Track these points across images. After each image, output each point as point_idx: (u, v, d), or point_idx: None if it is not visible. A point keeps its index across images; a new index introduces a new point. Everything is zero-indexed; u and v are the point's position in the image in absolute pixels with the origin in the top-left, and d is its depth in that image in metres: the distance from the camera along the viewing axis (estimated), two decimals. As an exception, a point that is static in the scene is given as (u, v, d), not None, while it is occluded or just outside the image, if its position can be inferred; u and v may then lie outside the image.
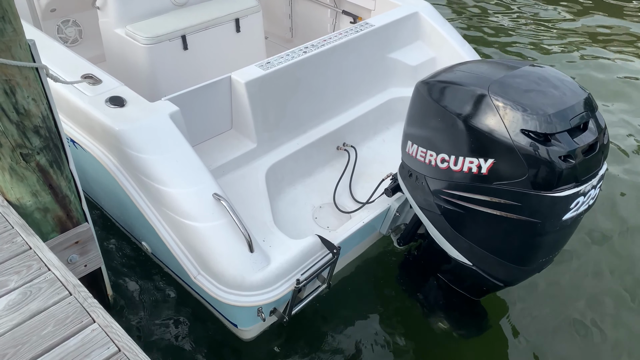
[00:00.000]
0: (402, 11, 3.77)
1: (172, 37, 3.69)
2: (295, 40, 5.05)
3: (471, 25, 6.74)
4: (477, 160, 2.25)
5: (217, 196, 2.49)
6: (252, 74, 3.03)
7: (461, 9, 7.19)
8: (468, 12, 7.13)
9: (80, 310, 1.80)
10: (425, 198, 2.61)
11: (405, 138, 2.72)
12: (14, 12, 1.96)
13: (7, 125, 2.07)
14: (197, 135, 3.11)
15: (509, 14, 7.11)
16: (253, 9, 4.07)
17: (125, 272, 3.30)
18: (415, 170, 2.64)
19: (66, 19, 4.53)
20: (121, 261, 3.38)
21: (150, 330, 3.00)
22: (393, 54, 3.76)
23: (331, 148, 3.48)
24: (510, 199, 2.22)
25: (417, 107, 2.58)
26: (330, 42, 3.36)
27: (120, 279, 3.26)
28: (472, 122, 2.23)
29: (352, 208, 3.19)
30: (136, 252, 3.40)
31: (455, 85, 2.33)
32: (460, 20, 6.86)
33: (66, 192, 2.41)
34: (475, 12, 7.14)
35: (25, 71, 2.04)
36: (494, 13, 7.12)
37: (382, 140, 3.74)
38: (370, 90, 3.71)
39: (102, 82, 2.87)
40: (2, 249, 2.05)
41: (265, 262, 2.49)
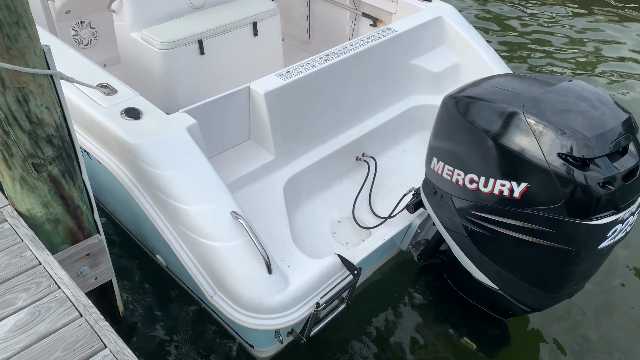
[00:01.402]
0: (426, 15, 3.65)
1: (189, 42, 3.60)
2: (313, 42, 4.94)
3: (498, 30, 6.54)
4: (509, 183, 2.13)
5: (235, 214, 2.39)
6: (271, 84, 2.93)
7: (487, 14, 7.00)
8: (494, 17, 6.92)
9: (91, 334, 1.71)
10: (451, 218, 2.50)
11: (430, 153, 2.60)
12: (29, 17, 1.87)
13: (18, 134, 1.99)
14: (214, 147, 3.02)
15: (540, 21, 6.82)
16: (271, 12, 3.96)
17: (137, 285, 3.22)
18: (440, 188, 2.53)
19: (81, 21, 4.46)
20: (133, 274, 3.29)
21: (161, 345, 2.91)
22: (415, 60, 3.64)
23: (350, 159, 3.37)
24: (544, 225, 2.10)
25: (444, 122, 2.47)
26: (352, 49, 3.25)
27: (132, 292, 3.17)
28: (505, 142, 2.11)
29: (371, 223, 3.08)
30: (149, 265, 3.31)
31: (486, 102, 2.21)
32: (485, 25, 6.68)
33: (78, 203, 2.32)
34: (503, 17, 6.91)
35: (39, 78, 1.95)
36: (524, 19, 6.86)
37: (403, 150, 3.62)
38: (390, 98, 3.59)
39: (117, 92, 2.78)
40: (11, 264, 1.97)
41: (283, 284, 2.39)
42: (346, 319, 3.06)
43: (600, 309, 3.20)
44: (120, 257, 3.37)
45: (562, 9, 7.15)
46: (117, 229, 3.56)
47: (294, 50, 4.89)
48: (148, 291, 3.18)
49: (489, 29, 6.56)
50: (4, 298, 1.83)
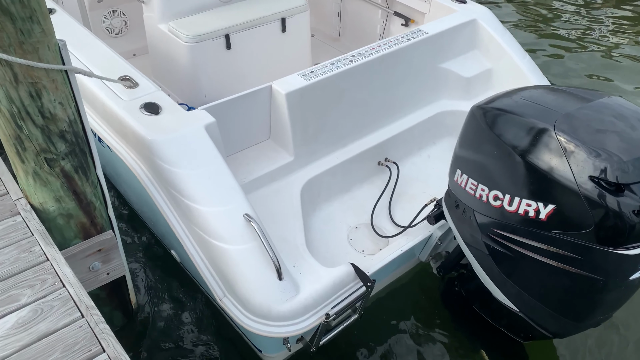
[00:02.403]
0: (459, 17, 3.50)
1: (215, 36, 3.55)
2: (343, 39, 4.84)
3: (536, 37, 6.26)
4: (535, 204, 2.01)
5: (248, 217, 2.34)
6: (293, 84, 2.85)
7: (526, 19, 6.73)
8: (534, 23, 6.63)
9: (91, 337, 1.68)
10: (473, 234, 2.38)
11: (454, 163, 2.48)
12: (44, 12, 1.84)
13: (31, 129, 1.97)
14: (233, 145, 2.97)
15: (583, 30, 6.46)
16: (300, 8, 3.88)
17: (153, 280, 3.21)
18: (463, 202, 2.41)
19: (113, 10, 4.47)
20: (149, 268, 3.28)
21: (172, 342, 2.89)
22: (445, 63, 3.50)
23: (372, 163, 3.28)
24: (570, 251, 1.97)
25: (470, 132, 2.35)
26: (379, 50, 3.14)
27: (146, 286, 3.17)
28: (533, 159, 1.98)
29: (390, 232, 2.99)
30: (166, 261, 3.30)
31: (515, 116, 2.08)
32: (523, 31, 6.41)
33: (91, 199, 2.31)
34: (543, 24, 6.60)
35: (52, 74, 1.93)
36: (566, 27, 6.52)
37: (428, 157, 3.50)
38: (417, 102, 3.47)
39: (138, 86, 2.75)
40: (20, 259, 1.96)
41: (294, 291, 2.33)
42: (358, 329, 2.98)
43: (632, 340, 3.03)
44: (137, 250, 3.38)
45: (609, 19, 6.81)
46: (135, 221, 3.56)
47: (323, 48, 4.80)
48: (163, 286, 3.17)
49: (526, 35, 6.29)
50: (10, 293, 1.82)
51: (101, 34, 4.52)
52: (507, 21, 6.56)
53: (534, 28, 6.45)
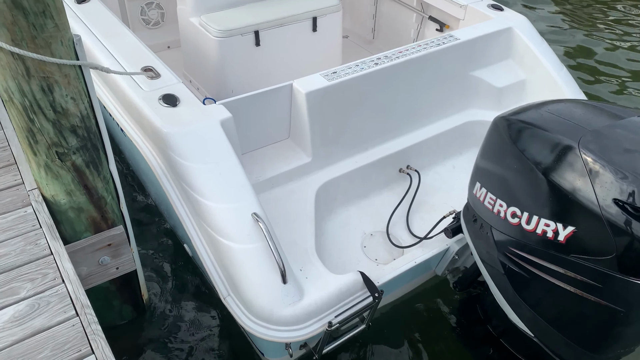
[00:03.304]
0: (494, 25, 3.35)
1: (245, 32, 3.53)
2: (377, 42, 4.75)
3: (575, 50, 5.98)
4: (554, 224, 1.88)
5: (256, 217, 2.29)
6: (314, 84, 2.79)
7: (566, 30, 6.45)
8: (574, 34, 6.35)
9: (82, 337, 1.67)
10: (489, 251, 2.27)
11: (474, 176, 2.37)
12: (58, 7, 1.84)
13: (43, 123, 1.98)
14: (251, 142, 2.94)
15: (627, 46, 6.11)
16: (333, 8, 3.81)
17: (166, 275, 3.22)
18: (480, 217, 2.30)
19: (150, 2, 4.53)
20: (164, 262, 3.29)
21: (178, 338, 2.89)
22: (477, 71, 3.37)
23: (393, 170, 3.18)
24: (590, 278, 1.84)
25: (492, 144, 2.23)
26: (407, 54, 3.04)
27: (159, 281, 3.18)
28: (555, 178, 1.86)
29: (405, 242, 2.89)
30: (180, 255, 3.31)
31: (540, 130, 1.96)
32: (562, 42, 6.13)
33: (102, 194, 2.32)
34: (584, 36, 6.30)
35: (65, 69, 1.93)
36: (609, 40, 6.20)
37: (452, 167, 3.37)
38: (445, 110, 3.35)
39: (160, 77, 2.75)
40: (25, 251, 1.98)
41: (297, 296, 2.27)
42: (365, 340, 2.89)
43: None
44: (153, 243, 3.39)
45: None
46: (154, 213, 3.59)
47: (355, 49, 4.72)
48: (175, 281, 3.18)
49: (565, 47, 6.00)
50: (11, 285, 1.84)
51: (138, 25, 4.58)
52: (552, 28, 6.31)
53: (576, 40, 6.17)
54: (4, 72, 1.87)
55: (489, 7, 3.57)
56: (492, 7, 3.56)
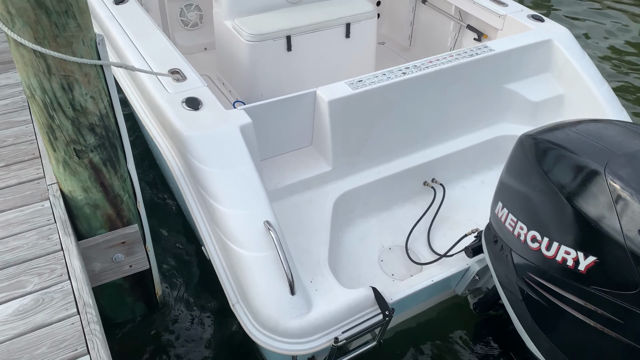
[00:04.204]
0: (533, 36, 3.22)
1: (277, 37, 3.52)
2: (413, 49, 4.66)
3: (619, 64, 5.70)
4: (574, 253, 1.77)
5: (268, 225, 2.26)
6: (338, 92, 2.75)
7: (612, 44, 6.15)
8: (619, 48, 6.06)
9: (79, 336, 1.68)
10: (508, 275, 2.16)
11: (497, 195, 2.27)
12: (81, 7, 1.87)
13: (62, 120, 2.02)
14: (272, 147, 2.91)
15: None
16: (367, 14, 3.75)
17: (182, 275, 3.23)
18: (501, 239, 2.20)
19: (189, 3, 4.59)
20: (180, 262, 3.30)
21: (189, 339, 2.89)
22: (512, 84, 3.23)
23: (417, 182, 3.09)
24: (611, 312, 1.71)
25: (516, 162, 2.13)
26: (437, 64, 2.95)
27: (174, 281, 3.20)
28: (579, 204, 1.74)
29: (425, 258, 2.80)
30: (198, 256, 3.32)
31: (566, 152, 1.85)
32: (607, 57, 5.86)
33: (118, 192, 2.34)
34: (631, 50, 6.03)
35: (85, 68, 1.96)
36: None
37: (481, 182, 3.25)
38: (476, 122, 3.23)
39: (186, 80, 2.76)
40: (37, 245, 2.02)
41: (305, 308, 2.22)
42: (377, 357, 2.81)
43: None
44: (172, 243, 3.42)
45: None
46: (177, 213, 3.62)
47: (391, 56, 4.65)
48: (190, 282, 3.19)
49: (609, 62, 5.71)
50: (19, 279, 1.87)
51: (176, 25, 4.65)
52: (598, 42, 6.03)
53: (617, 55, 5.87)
54: (27, 69, 1.91)
55: (529, 17, 3.43)
56: (532, 18, 3.42)
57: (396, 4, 4.71)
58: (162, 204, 3.72)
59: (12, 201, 2.22)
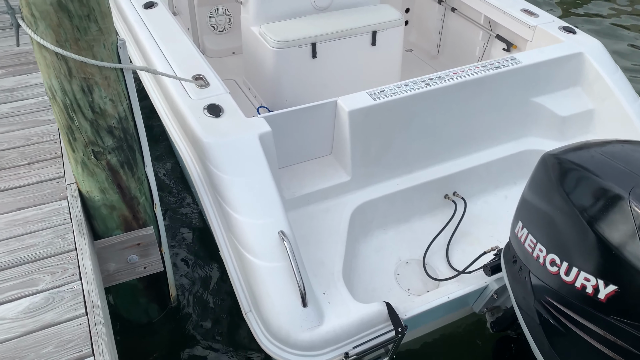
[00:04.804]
0: (564, 49, 3.12)
1: (302, 44, 3.51)
2: (441, 57, 4.59)
3: None
4: (594, 280, 1.69)
5: (282, 235, 2.25)
6: (359, 102, 2.71)
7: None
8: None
9: (86, 337, 1.69)
10: (525, 297, 2.09)
11: (517, 214, 2.20)
12: (103, 11, 1.89)
13: (81, 121, 2.04)
14: (292, 156, 2.90)
15: None
16: (394, 22, 3.71)
17: (198, 279, 3.24)
18: (520, 259, 2.12)
19: (219, 7, 4.63)
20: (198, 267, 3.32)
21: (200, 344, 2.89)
22: (539, 98, 3.14)
23: (438, 195, 3.03)
24: (631, 344, 1.63)
25: (537, 181, 2.05)
26: (462, 76, 2.88)
27: (190, 284, 3.21)
28: (600, 229, 1.66)
29: (442, 273, 2.74)
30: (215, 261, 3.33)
31: (589, 174, 1.77)
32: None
33: (135, 194, 2.36)
34: None
35: (105, 71, 1.98)
36: None
37: (505, 197, 3.17)
38: (500, 136, 3.15)
39: (209, 86, 2.77)
40: (52, 243, 2.05)
41: (316, 321, 2.20)
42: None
43: None
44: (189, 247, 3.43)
45: None
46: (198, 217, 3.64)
47: (418, 64, 4.59)
48: (206, 287, 3.19)
49: None
50: (32, 277, 1.90)
51: (206, 29, 4.70)
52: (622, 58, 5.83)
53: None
54: (49, 71, 1.94)
55: (561, 29, 3.33)
56: (563, 30, 3.32)
57: (425, 12, 4.65)
58: (184, 208, 3.74)
59: (31, 199, 2.26)
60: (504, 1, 3.70)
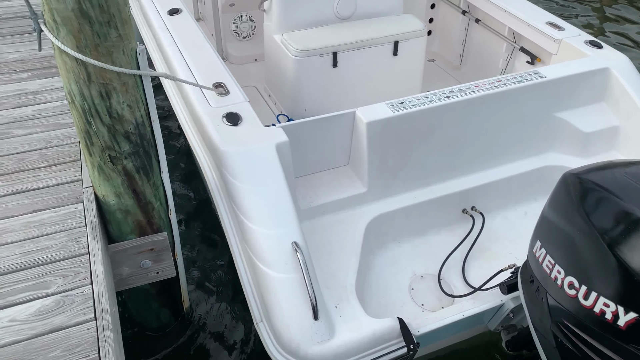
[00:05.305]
0: (589, 64, 3.05)
1: (323, 53, 3.51)
2: (464, 68, 4.53)
3: None
4: (614, 306, 1.63)
5: (296, 246, 2.23)
6: (378, 114, 2.69)
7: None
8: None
9: (93, 342, 1.69)
10: (542, 318, 2.03)
11: (536, 233, 2.14)
12: (123, 18, 1.90)
13: (99, 126, 2.06)
14: (308, 166, 2.88)
15: None
16: (417, 33, 3.68)
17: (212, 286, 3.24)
18: (537, 280, 2.06)
19: (242, 15, 4.66)
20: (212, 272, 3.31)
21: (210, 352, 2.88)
22: (563, 113, 3.07)
23: (455, 210, 2.98)
24: (651, 376, 1.56)
25: (557, 200, 2.00)
26: (484, 89, 2.84)
27: (204, 291, 3.21)
28: (621, 253, 1.61)
29: (457, 289, 2.68)
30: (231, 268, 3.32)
31: (610, 196, 1.71)
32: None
33: (150, 199, 2.37)
34: None
35: (124, 77, 1.99)
36: None
37: (524, 213, 3.10)
38: (521, 151, 3.09)
39: (229, 94, 2.78)
40: (66, 246, 2.06)
41: (327, 335, 2.17)
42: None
43: None
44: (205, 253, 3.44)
45: None
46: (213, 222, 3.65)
47: (440, 74, 4.54)
48: (219, 295, 3.19)
49: None
50: (44, 279, 1.91)
51: (229, 36, 4.73)
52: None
53: None
54: (69, 76, 1.96)
55: (587, 43, 3.25)
56: (589, 44, 3.24)
57: (449, 22, 4.60)
58: (202, 214, 3.76)
59: (49, 201, 2.29)
60: (529, 14, 3.64)
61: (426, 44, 3.81)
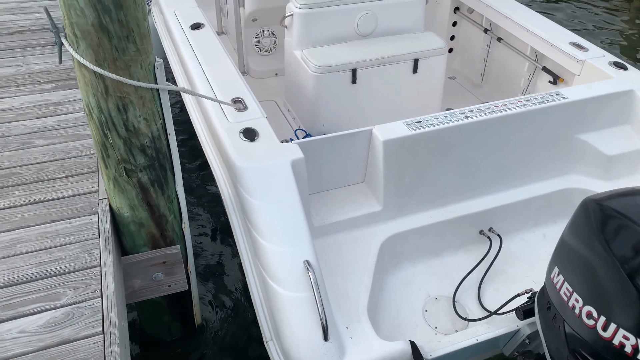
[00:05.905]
0: (613, 85, 2.98)
1: (342, 69, 3.51)
2: (485, 86, 4.49)
3: None
4: (634, 339, 1.56)
5: (307, 265, 2.21)
6: (395, 132, 2.66)
7: None
8: None
9: (100, 355, 1.69)
10: (558, 347, 1.96)
11: (554, 257, 2.08)
12: (142, 33, 1.92)
13: (115, 139, 2.08)
14: (324, 182, 2.87)
15: None
16: (437, 50, 3.66)
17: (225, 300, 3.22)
18: (555, 307, 2.00)
19: (265, 29, 4.70)
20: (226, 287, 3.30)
21: (220, 366, 2.87)
22: (585, 135, 3.00)
23: (472, 231, 2.92)
24: (673, 414, 1.49)
25: (576, 226, 1.94)
26: (504, 109, 2.79)
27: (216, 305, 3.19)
28: (642, 283, 1.54)
29: (472, 313, 2.62)
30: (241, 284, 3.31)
31: (631, 222, 1.65)
32: None
33: (164, 212, 2.37)
34: None
35: (141, 91, 2.01)
36: None
37: (543, 236, 3.02)
38: (541, 172, 3.02)
39: (247, 110, 2.79)
40: (78, 258, 2.07)
41: (337, 357, 2.13)
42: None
43: None
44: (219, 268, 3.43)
45: None
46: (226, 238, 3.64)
47: (461, 92, 4.50)
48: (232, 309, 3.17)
49: None
50: (55, 291, 1.92)
51: (251, 50, 4.78)
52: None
53: None
54: (87, 89, 1.99)
55: (611, 64, 3.19)
56: (614, 65, 3.18)
57: (470, 40, 4.57)
58: (217, 229, 3.76)
59: (64, 212, 2.31)
60: (552, 33, 3.59)
61: (447, 61, 3.78)
